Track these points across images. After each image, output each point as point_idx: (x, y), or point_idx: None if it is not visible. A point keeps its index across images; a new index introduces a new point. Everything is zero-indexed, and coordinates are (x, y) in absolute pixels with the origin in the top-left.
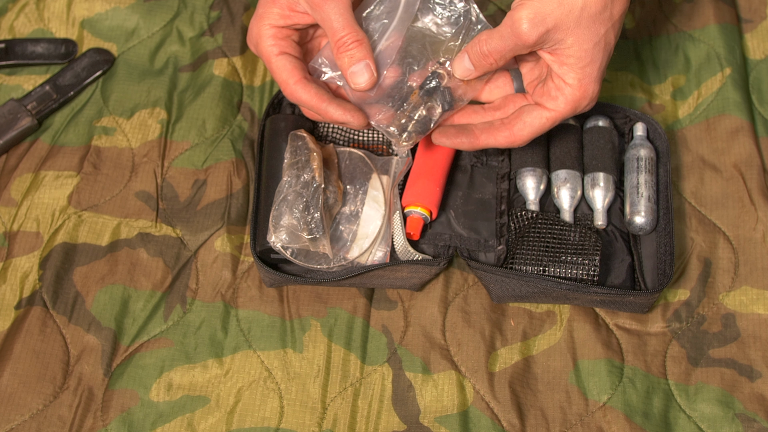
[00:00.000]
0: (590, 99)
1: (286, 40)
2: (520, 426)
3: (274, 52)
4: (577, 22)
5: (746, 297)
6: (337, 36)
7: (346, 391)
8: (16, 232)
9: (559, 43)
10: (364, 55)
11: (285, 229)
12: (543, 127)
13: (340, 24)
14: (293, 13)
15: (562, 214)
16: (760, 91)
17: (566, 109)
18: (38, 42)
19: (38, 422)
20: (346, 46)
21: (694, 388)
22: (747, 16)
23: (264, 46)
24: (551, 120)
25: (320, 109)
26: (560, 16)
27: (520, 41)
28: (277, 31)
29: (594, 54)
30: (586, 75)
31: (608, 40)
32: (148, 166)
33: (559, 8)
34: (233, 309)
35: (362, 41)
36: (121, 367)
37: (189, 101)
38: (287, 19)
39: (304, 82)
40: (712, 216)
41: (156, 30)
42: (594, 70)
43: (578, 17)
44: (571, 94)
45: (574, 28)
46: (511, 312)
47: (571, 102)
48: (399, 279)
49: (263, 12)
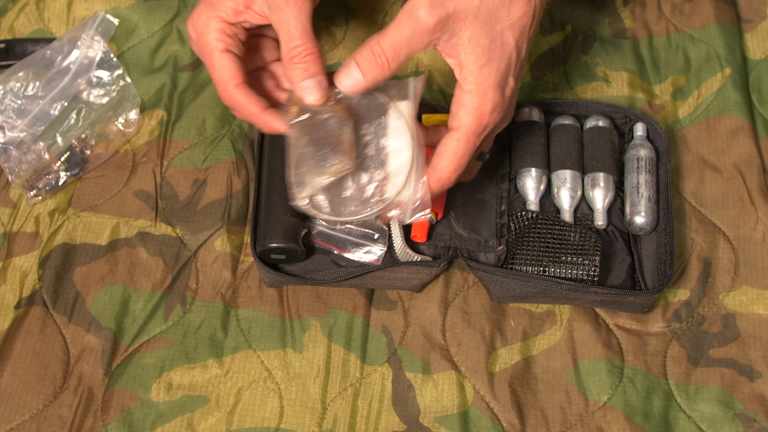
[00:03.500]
0: (493, 105)
1: (233, 38)
2: (520, 426)
3: (218, 48)
4: (476, 13)
5: (746, 297)
6: (291, 44)
7: (346, 391)
8: (15, 233)
9: (456, 36)
10: (318, 70)
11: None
12: (459, 151)
13: (297, 32)
14: (247, 11)
15: (562, 214)
16: (760, 91)
17: (469, 120)
18: (38, 42)
19: (38, 422)
20: (301, 58)
21: (694, 388)
22: (747, 16)
23: (208, 39)
24: (463, 139)
25: (257, 118)
26: (460, 4)
27: (418, 27)
28: (227, 26)
29: (491, 52)
30: (483, 77)
31: (505, 40)
32: (148, 165)
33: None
34: (233, 309)
35: (317, 55)
36: (121, 367)
37: (189, 101)
38: (239, 15)
39: (245, 87)
40: (712, 216)
41: (156, 30)
42: (492, 72)
43: (477, 8)
44: (470, 101)
45: (472, 19)
46: (511, 312)
47: (472, 111)
48: (399, 280)
49: (216, 2)
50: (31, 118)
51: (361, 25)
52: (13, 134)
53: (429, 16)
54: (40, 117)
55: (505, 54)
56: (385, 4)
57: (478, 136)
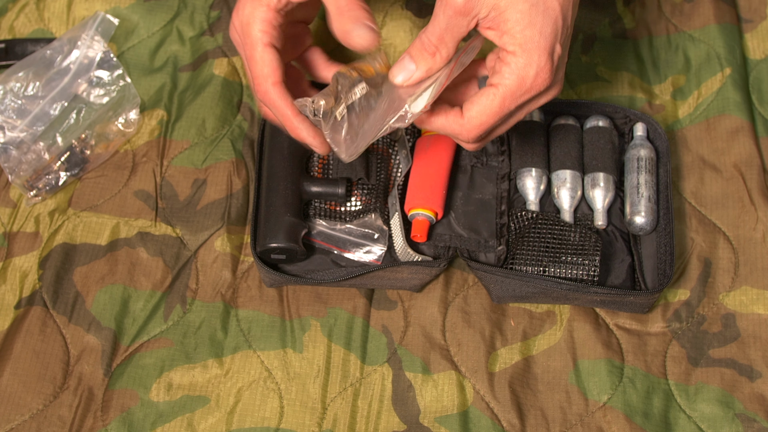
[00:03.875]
0: (537, 69)
1: (278, 29)
2: (520, 426)
3: (263, 41)
4: None
5: (746, 297)
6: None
7: (346, 391)
8: (15, 233)
9: (494, 9)
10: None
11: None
12: (492, 107)
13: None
14: None
15: (562, 214)
16: (760, 91)
17: (511, 80)
18: (38, 42)
19: (38, 422)
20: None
21: (694, 388)
22: (747, 16)
23: (252, 30)
24: (500, 96)
25: (289, 122)
26: None
27: (454, 12)
28: (273, 16)
29: (532, 16)
30: (526, 39)
31: (549, 5)
32: (148, 165)
33: None
34: (233, 309)
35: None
36: (121, 367)
37: (189, 101)
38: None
39: (283, 86)
40: (712, 216)
41: (156, 30)
42: (535, 35)
43: None
44: (514, 62)
45: None
46: (511, 312)
47: (515, 71)
48: (399, 280)
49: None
50: (31, 118)
51: None
52: (13, 134)
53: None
54: (40, 117)
55: (549, 18)
56: (385, 4)
57: (515, 99)
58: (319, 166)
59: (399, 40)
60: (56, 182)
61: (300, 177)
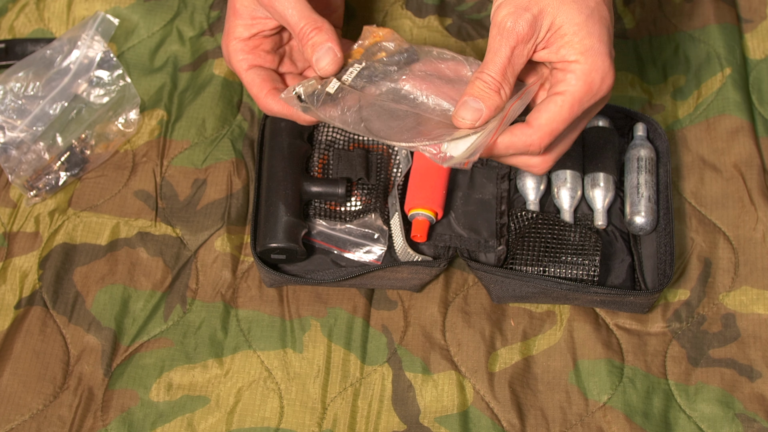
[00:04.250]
0: (603, 73)
1: (255, 51)
2: (520, 426)
3: (244, 67)
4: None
5: (746, 297)
6: (297, 29)
7: (346, 391)
8: (15, 233)
9: (550, 29)
10: (326, 38)
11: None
12: (562, 114)
13: (295, 17)
14: (256, 21)
15: (562, 214)
16: (760, 91)
17: (578, 85)
18: (38, 42)
19: (38, 422)
20: (306, 36)
21: (694, 388)
22: (747, 16)
23: (234, 62)
24: (568, 103)
25: (294, 116)
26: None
27: (513, 41)
28: (244, 44)
29: (589, 26)
30: (587, 48)
31: (602, 13)
32: (148, 165)
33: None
34: (233, 309)
35: (322, 27)
36: (121, 367)
37: (189, 101)
38: (251, 28)
39: (275, 93)
40: (712, 216)
41: (156, 30)
42: (595, 42)
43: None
44: (579, 69)
45: (558, 5)
46: (511, 312)
47: (581, 77)
48: (399, 280)
49: (228, 27)
50: (31, 118)
51: (361, 25)
52: (13, 134)
53: (519, 25)
54: (40, 117)
55: (604, 26)
56: (385, 4)
57: (583, 104)
58: (319, 166)
59: None
60: (56, 182)
61: (300, 177)
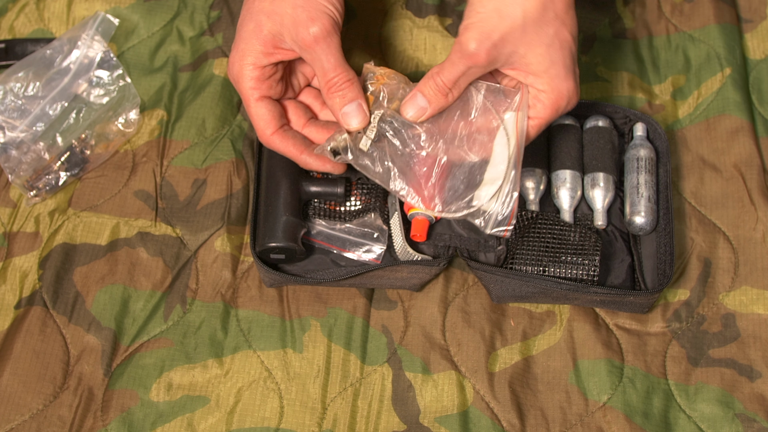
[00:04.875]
0: (568, 98)
1: (268, 81)
2: (520, 426)
3: (254, 97)
4: (522, 30)
5: (746, 297)
6: (328, 77)
7: (346, 391)
8: (15, 233)
9: (512, 56)
10: (356, 95)
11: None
12: (530, 134)
13: (330, 65)
14: (277, 51)
15: (562, 214)
16: (760, 91)
17: (547, 113)
18: (38, 42)
19: (38, 422)
20: (338, 87)
21: (694, 388)
22: (747, 16)
23: (244, 88)
24: (536, 127)
25: (298, 159)
26: (504, 29)
27: (472, 62)
28: (260, 72)
29: (552, 55)
30: (552, 77)
31: (562, 38)
32: (148, 165)
33: (501, 22)
34: (233, 309)
35: (353, 81)
36: (121, 367)
37: (189, 101)
38: (270, 57)
39: (281, 132)
40: (712, 216)
41: (156, 30)
42: (560, 70)
43: (522, 26)
44: (546, 98)
45: (520, 37)
46: (511, 312)
47: (549, 106)
48: (399, 279)
49: (246, 48)
50: (31, 118)
51: (361, 25)
52: (13, 134)
53: (479, 51)
54: (40, 117)
55: (566, 50)
56: (385, 5)
57: (547, 124)
58: None
59: (399, 40)
60: (56, 182)
61: (299, 177)
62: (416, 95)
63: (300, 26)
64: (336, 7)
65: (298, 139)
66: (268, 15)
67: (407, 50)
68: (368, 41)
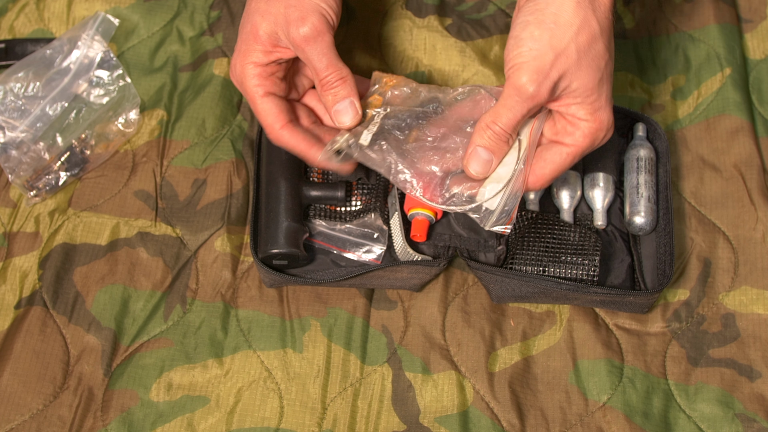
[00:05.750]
0: (606, 129)
1: (271, 78)
2: (520, 426)
3: (259, 93)
4: (577, 64)
5: (746, 297)
6: (321, 75)
7: (346, 392)
8: (15, 233)
9: (564, 90)
10: (348, 92)
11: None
12: (564, 164)
13: (323, 63)
14: (276, 49)
15: (562, 214)
16: (760, 91)
17: (585, 142)
18: (38, 42)
19: (38, 422)
20: (330, 85)
21: (694, 388)
22: (747, 16)
23: (249, 86)
24: (572, 155)
25: (308, 155)
26: (561, 67)
27: (532, 104)
28: (262, 69)
29: (600, 88)
30: (596, 108)
31: (609, 71)
32: (148, 165)
33: (558, 59)
34: (233, 309)
35: (346, 79)
36: (121, 367)
37: (189, 101)
38: (270, 55)
39: (291, 126)
40: (712, 216)
41: (156, 30)
42: (603, 102)
43: (576, 60)
44: (587, 127)
45: (575, 71)
46: (511, 312)
47: (588, 135)
48: (399, 280)
49: (246, 49)
50: (32, 118)
51: (361, 25)
52: (13, 134)
53: (539, 91)
54: (41, 117)
55: (610, 82)
56: (385, 5)
57: (583, 155)
58: (318, 169)
59: (399, 40)
60: (56, 182)
61: (299, 182)
62: (477, 151)
63: (291, 25)
64: (330, 5)
65: (308, 134)
66: (262, 15)
67: (407, 50)
68: (368, 41)
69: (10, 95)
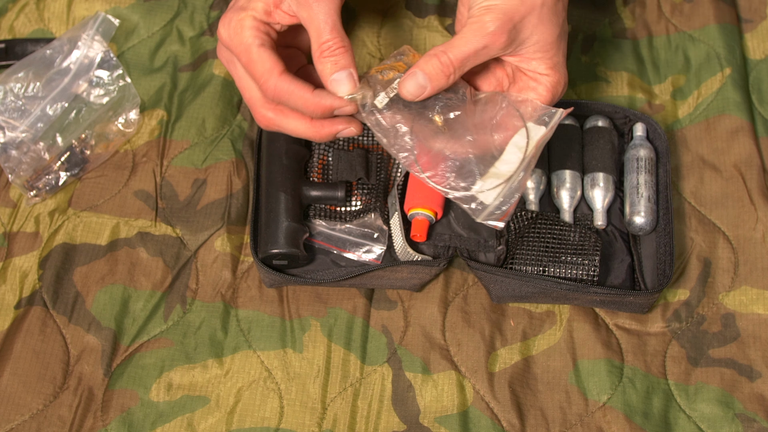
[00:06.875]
0: (564, 83)
1: (268, 35)
2: (520, 426)
3: (255, 43)
4: (540, 18)
5: (746, 297)
6: (322, 38)
7: (345, 392)
8: (15, 233)
9: (525, 41)
10: (349, 63)
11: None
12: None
13: (327, 26)
14: (277, 10)
15: (562, 214)
16: (760, 91)
17: (546, 95)
18: (38, 42)
19: (38, 422)
20: (331, 51)
21: (694, 388)
22: (747, 16)
23: (244, 37)
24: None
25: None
26: (525, 13)
27: (489, 41)
28: (260, 24)
29: (559, 43)
30: (555, 63)
31: (565, 28)
32: (147, 165)
33: (522, 6)
34: (233, 309)
35: (348, 48)
36: (121, 367)
37: (189, 101)
38: (270, 16)
39: (288, 74)
40: (712, 216)
41: (156, 30)
42: (561, 58)
43: (540, 14)
44: (548, 81)
45: (537, 23)
46: (511, 312)
47: (550, 89)
48: (399, 280)
49: (246, 4)
50: (32, 118)
51: (361, 25)
52: (13, 134)
53: (500, 31)
54: (41, 117)
55: (566, 39)
56: (385, 5)
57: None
58: (318, 167)
59: (399, 40)
60: (56, 182)
61: (299, 182)
62: (416, 72)
63: None
64: None
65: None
66: None
67: None
68: (368, 41)
69: (10, 95)
